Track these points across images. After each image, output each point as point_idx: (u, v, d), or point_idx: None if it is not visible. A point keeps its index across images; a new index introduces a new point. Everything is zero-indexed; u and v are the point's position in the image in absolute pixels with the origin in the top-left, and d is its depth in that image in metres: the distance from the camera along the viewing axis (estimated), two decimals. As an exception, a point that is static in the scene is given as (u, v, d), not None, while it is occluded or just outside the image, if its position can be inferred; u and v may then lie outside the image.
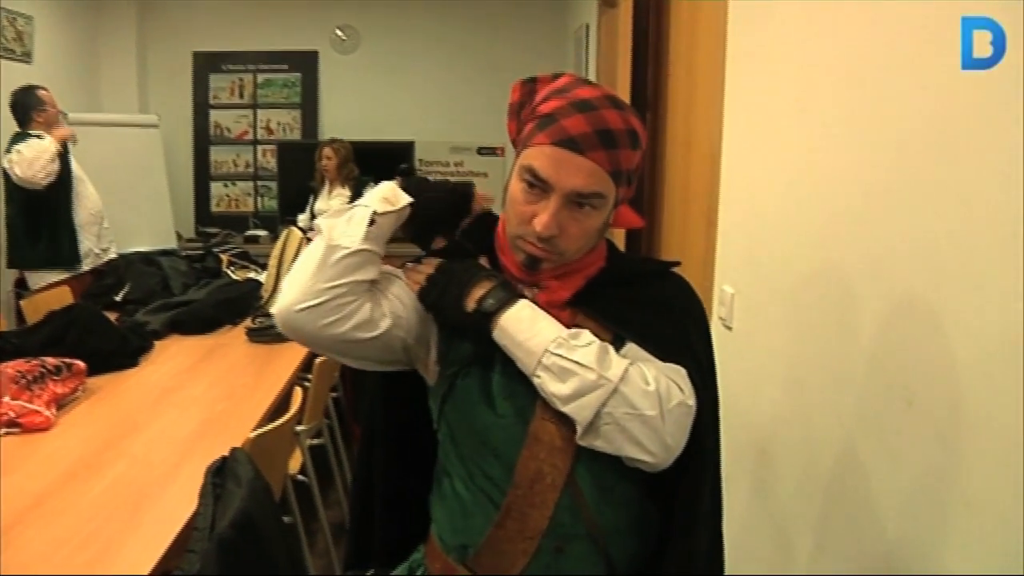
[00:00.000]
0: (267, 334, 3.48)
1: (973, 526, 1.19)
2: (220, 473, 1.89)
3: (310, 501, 3.12)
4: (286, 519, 2.53)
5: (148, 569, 1.76)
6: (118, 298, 3.91)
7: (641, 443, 1.16)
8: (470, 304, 1.23)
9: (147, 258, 4.37)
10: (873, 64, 1.44)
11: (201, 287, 4.09)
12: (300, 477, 3.01)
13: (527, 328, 1.20)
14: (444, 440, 1.34)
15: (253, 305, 3.85)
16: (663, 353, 1.24)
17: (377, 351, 1.28)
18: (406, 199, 1.26)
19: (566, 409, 1.17)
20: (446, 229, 1.35)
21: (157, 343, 3.38)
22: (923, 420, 1.31)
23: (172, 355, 3.31)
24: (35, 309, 3.56)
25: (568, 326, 1.23)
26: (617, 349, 1.23)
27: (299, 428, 2.91)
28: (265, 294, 3.89)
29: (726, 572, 1.40)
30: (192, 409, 2.71)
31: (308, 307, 1.18)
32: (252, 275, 4.51)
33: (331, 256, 1.19)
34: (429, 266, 1.29)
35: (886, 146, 1.41)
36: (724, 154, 2.28)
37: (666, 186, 3.11)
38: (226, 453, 1.94)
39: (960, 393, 1.22)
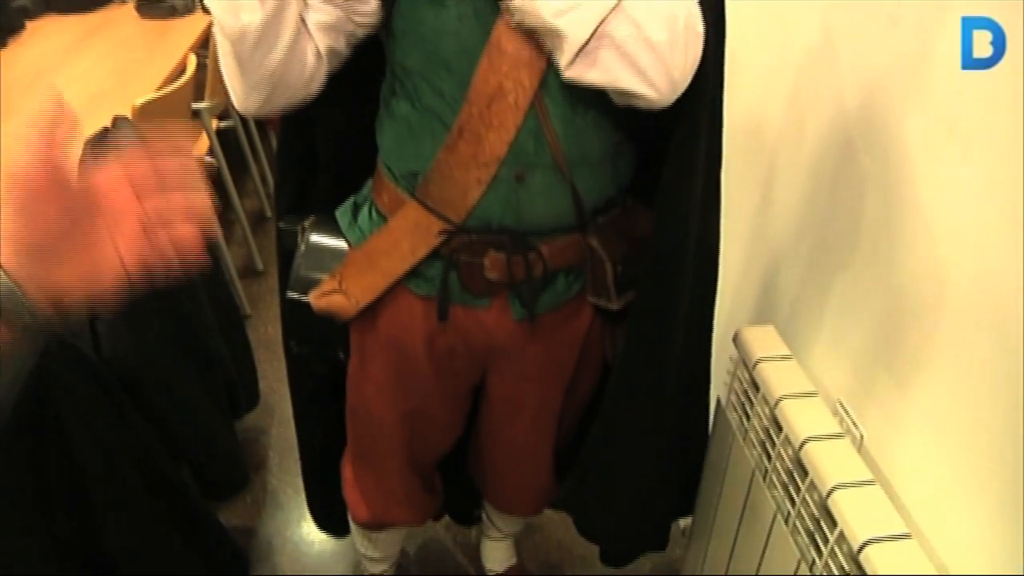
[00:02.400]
0: (160, 7, 3.06)
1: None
2: (99, 143, 1.66)
3: (223, 191, 2.91)
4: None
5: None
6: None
7: (645, 73, 0.97)
8: None
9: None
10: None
11: (79, -40, 3.57)
12: (208, 159, 2.78)
13: None
14: (390, 54, 1.12)
15: (142, -22, 3.39)
16: None
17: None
18: None
19: (558, 23, 0.94)
20: None
21: (28, 23, 2.95)
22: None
23: (48, 35, 2.91)
24: None
25: None
26: None
27: (200, 105, 2.63)
28: (153, -35, 3.42)
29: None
30: (74, 88, 2.40)
31: (259, 103, 1.05)
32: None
33: (243, 48, 0.98)
34: None
35: None
36: None
37: None
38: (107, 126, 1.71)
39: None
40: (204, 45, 2.88)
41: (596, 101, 1.06)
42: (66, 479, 1.15)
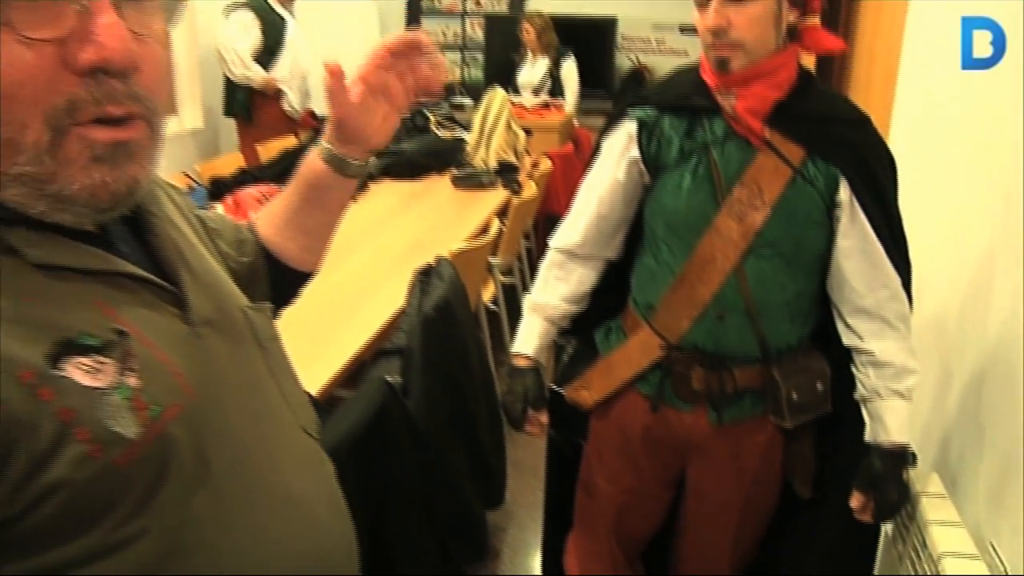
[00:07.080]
0: (470, 181, 3.82)
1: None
2: (426, 273, 2.23)
3: (500, 338, 3.45)
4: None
5: (363, 342, 2.11)
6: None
7: None
8: None
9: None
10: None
11: (411, 139, 4.40)
12: (491, 306, 3.35)
13: None
14: (645, 224, 1.60)
15: (458, 158, 4.18)
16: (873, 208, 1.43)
17: None
18: None
19: None
20: None
21: (371, 185, 3.74)
22: None
23: (384, 195, 3.70)
24: (267, 152, 4.13)
25: (763, 139, 1.43)
26: (804, 174, 1.43)
27: (493, 260, 3.23)
28: (470, 149, 4.20)
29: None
30: (401, 235, 3.08)
31: None
32: (458, 134, 4.79)
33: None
34: None
35: None
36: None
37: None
38: (432, 263, 2.28)
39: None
40: (502, 213, 3.52)
41: (785, 273, 1.47)
42: (371, 505, 1.60)
